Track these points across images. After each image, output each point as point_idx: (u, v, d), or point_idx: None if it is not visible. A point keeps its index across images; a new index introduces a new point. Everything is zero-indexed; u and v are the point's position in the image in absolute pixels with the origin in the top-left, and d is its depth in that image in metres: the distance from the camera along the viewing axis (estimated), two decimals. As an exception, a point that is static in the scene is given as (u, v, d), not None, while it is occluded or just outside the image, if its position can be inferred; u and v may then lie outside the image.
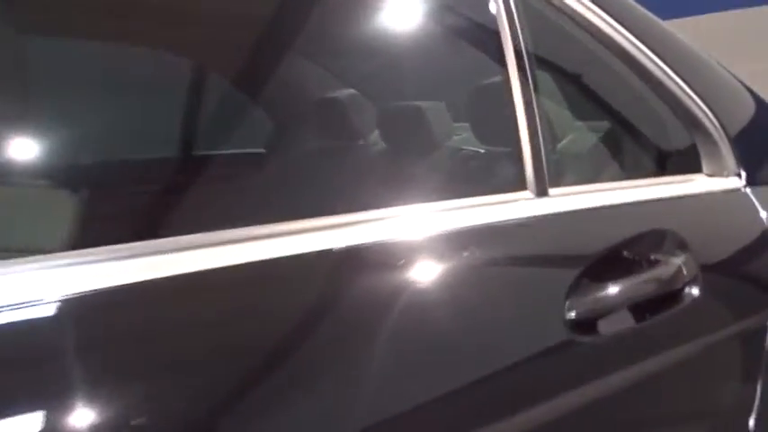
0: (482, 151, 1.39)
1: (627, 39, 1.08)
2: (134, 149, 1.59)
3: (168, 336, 0.63)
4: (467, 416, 0.75)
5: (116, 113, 1.48)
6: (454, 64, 1.33)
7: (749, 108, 1.25)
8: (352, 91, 1.63)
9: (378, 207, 0.81)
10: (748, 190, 1.14)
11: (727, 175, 1.14)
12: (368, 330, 0.71)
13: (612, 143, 1.22)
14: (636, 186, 1.05)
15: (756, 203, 1.13)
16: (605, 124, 1.27)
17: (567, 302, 0.84)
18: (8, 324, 0.56)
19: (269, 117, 1.73)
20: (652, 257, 0.94)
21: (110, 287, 0.61)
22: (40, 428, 0.54)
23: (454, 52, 1.26)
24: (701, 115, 1.13)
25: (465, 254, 0.82)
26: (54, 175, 1.06)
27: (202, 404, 0.61)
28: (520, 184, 0.92)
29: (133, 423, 0.57)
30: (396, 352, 0.72)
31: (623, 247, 0.93)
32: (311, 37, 1.44)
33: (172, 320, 0.64)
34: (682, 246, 0.98)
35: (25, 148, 0.95)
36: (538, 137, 0.93)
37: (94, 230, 0.85)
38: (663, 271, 0.95)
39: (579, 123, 1.38)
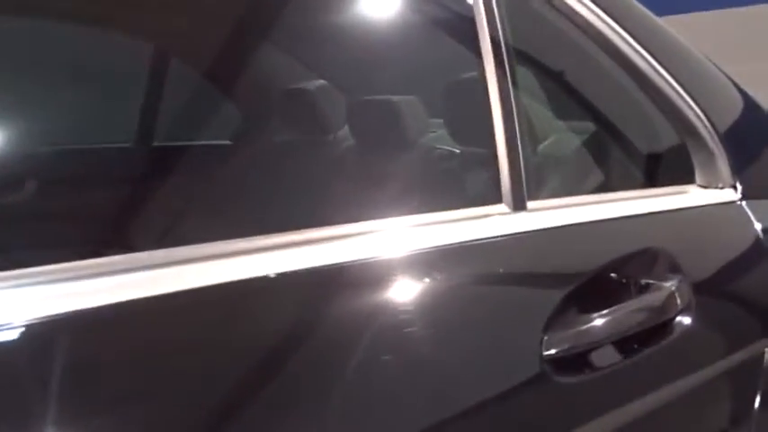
0: (457, 151, 1.28)
1: (616, 32, 0.97)
2: (91, 139, 1.51)
3: (123, 365, 0.56)
4: None
5: (74, 103, 1.39)
6: (429, 55, 1.23)
7: (745, 114, 1.15)
8: (321, 82, 1.53)
9: (341, 222, 0.71)
10: (744, 203, 1.04)
11: (722, 187, 1.04)
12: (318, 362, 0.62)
13: (598, 149, 1.12)
14: (624, 199, 0.95)
15: (753, 219, 1.03)
16: (589, 125, 1.17)
17: (547, 336, 0.73)
18: None
19: (234, 107, 1.64)
20: (642, 282, 0.84)
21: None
22: None
23: (429, 43, 1.16)
24: (695, 121, 1.03)
25: (430, 278, 0.71)
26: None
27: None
28: (495, 196, 0.81)
29: None
30: (347, 387, 0.63)
31: (610, 271, 0.83)
32: (280, 24, 1.35)
33: (124, 350, 0.56)
34: (674, 267, 0.88)
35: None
36: (516, 142, 0.82)
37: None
38: (654, 298, 0.84)
39: (561, 123, 1.28)
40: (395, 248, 0.70)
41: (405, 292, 0.69)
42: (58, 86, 1.37)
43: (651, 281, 0.85)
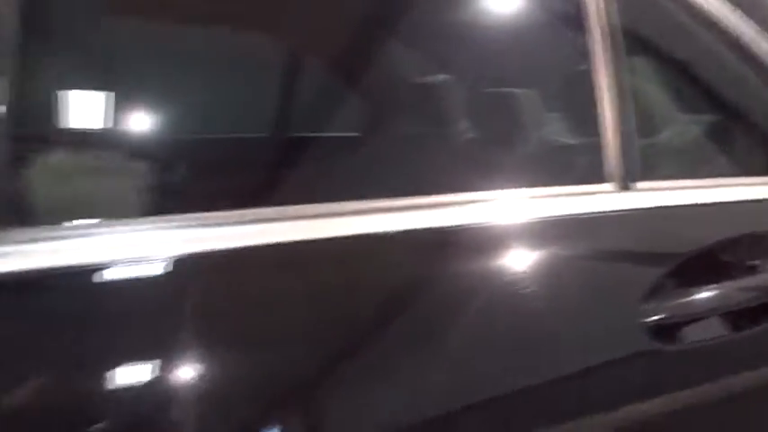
0: (571, 142, 1.32)
1: (732, 17, 0.98)
2: (240, 129, 1.65)
3: (267, 301, 0.65)
4: (529, 413, 0.72)
5: (219, 94, 1.54)
6: (545, 48, 1.27)
7: None
8: (443, 76, 1.60)
9: (457, 191, 0.78)
10: None
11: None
12: (436, 308, 0.71)
13: (713, 138, 1.12)
14: (734, 185, 0.95)
15: None
16: (709, 117, 1.17)
17: (647, 305, 0.77)
18: (126, 278, 0.61)
19: (362, 101, 1.73)
20: (750, 263, 0.85)
21: (217, 250, 0.63)
22: (144, 375, 0.57)
23: (544, 35, 1.20)
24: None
25: (539, 245, 0.78)
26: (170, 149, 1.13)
27: (291, 370, 0.63)
28: (603, 176, 0.86)
29: (226, 382, 0.59)
30: (458, 335, 0.71)
31: (716, 250, 0.85)
32: (403, 21, 1.42)
33: (272, 286, 0.65)
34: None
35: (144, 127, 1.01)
36: (625, 126, 0.86)
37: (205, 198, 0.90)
38: (762, 279, 0.85)
39: (682, 116, 1.28)
40: (510, 217, 0.78)
41: (515, 255, 0.76)
42: (207, 83, 1.52)
43: (759, 263, 0.86)
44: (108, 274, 0.60)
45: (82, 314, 0.58)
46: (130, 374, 0.57)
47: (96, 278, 0.59)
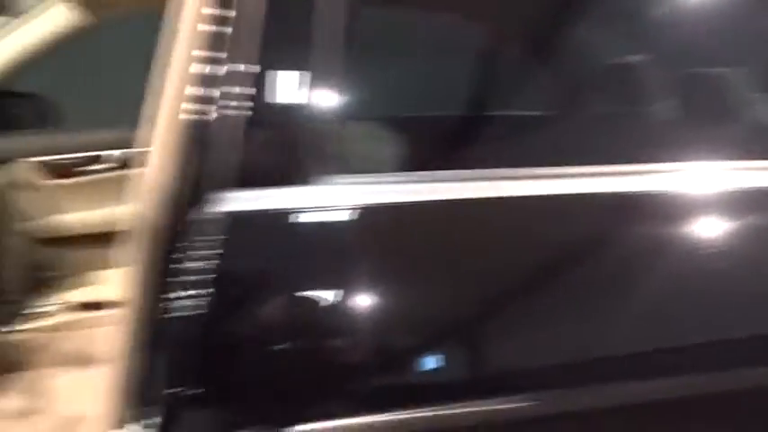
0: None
1: None
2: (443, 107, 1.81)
3: (479, 243, 0.79)
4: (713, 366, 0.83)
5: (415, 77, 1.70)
6: (754, 25, 1.27)
7: None
8: (643, 56, 1.63)
9: (664, 161, 0.88)
10: None
11: None
12: (640, 265, 0.81)
13: None
14: None
15: None
16: None
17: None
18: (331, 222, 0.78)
19: (563, 81, 1.80)
20: None
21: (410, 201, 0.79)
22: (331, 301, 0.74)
23: (754, 12, 1.21)
24: None
25: (741, 213, 0.86)
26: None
27: (479, 309, 0.77)
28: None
29: (406, 316, 0.75)
30: (661, 292, 0.81)
31: None
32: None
33: (484, 232, 0.80)
34: None
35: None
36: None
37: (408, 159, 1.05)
38: None
39: None
40: (715, 186, 0.86)
41: (720, 221, 0.85)
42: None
43: None
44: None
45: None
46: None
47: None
